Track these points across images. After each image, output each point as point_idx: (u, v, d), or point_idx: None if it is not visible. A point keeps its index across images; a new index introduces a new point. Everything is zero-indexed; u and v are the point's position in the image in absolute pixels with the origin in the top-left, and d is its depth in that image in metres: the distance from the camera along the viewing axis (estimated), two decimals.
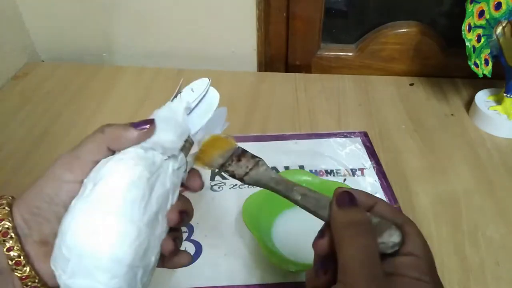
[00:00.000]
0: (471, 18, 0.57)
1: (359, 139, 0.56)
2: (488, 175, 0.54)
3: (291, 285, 0.39)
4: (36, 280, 0.26)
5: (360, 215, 0.25)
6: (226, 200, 0.47)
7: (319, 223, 0.27)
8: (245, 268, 0.41)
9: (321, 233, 0.26)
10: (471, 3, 0.57)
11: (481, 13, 0.58)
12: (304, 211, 0.28)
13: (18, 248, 0.25)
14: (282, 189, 0.29)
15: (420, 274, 0.23)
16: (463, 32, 0.57)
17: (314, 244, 0.26)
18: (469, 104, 0.66)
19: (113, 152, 0.27)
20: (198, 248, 0.42)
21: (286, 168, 0.51)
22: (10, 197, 0.27)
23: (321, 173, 0.51)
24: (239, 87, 0.71)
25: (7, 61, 0.72)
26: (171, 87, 0.32)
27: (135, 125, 0.27)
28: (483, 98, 0.64)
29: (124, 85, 0.71)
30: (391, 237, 0.24)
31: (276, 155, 0.53)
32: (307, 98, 0.68)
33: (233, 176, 0.30)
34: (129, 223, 0.24)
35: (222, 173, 0.30)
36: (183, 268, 0.40)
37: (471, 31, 0.58)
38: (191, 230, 0.44)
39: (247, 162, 0.31)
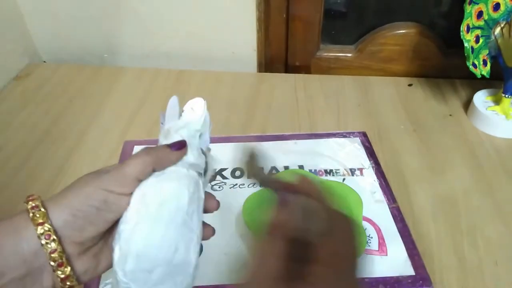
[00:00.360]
0: (470, 19, 0.58)
1: (358, 139, 0.57)
2: (487, 175, 0.54)
3: None
4: (74, 279, 0.27)
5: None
6: (227, 199, 0.48)
7: None
8: (245, 268, 0.41)
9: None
10: (469, 4, 0.57)
11: (480, 14, 0.58)
12: None
13: (60, 250, 0.26)
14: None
15: (339, 246, 0.26)
16: (461, 33, 0.57)
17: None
18: (468, 104, 0.66)
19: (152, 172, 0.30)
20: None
21: (286, 168, 0.52)
22: (40, 197, 0.28)
23: (320, 173, 0.51)
24: (239, 87, 0.71)
25: (9, 62, 0.73)
26: (171, 88, 0.33)
27: (173, 147, 0.31)
28: (481, 98, 0.65)
29: (125, 85, 0.72)
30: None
31: (275, 155, 0.53)
32: (306, 99, 0.69)
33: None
34: (191, 232, 0.29)
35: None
36: None
37: (470, 32, 0.58)
38: None
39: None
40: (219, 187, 0.49)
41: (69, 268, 0.27)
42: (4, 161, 0.56)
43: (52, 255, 0.26)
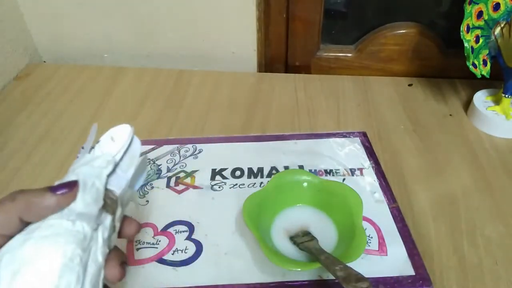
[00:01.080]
0: (470, 19, 0.58)
1: (358, 139, 0.57)
2: (487, 174, 0.54)
3: (290, 284, 0.39)
4: None
5: None
6: (226, 199, 0.48)
7: (319, 221, 0.28)
8: (245, 267, 0.41)
9: None
10: (469, 4, 0.57)
11: (480, 14, 0.58)
12: (303, 210, 0.29)
13: None
14: (325, 259, 0.36)
15: None
16: (461, 33, 0.57)
17: None
18: (468, 104, 0.66)
19: (26, 224, 0.23)
20: (199, 247, 0.43)
21: (286, 167, 0.52)
22: None
23: (320, 172, 0.51)
24: (239, 87, 0.71)
25: (9, 62, 0.73)
26: (171, 88, 0.32)
27: (53, 189, 0.23)
28: (481, 98, 0.65)
29: (125, 85, 0.72)
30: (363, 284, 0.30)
31: (276, 155, 0.53)
32: (306, 99, 0.69)
33: (295, 244, 0.41)
34: None
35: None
36: (184, 267, 0.41)
37: (470, 32, 0.58)
38: (191, 229, 0.44)
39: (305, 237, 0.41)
40: (219, 187, 0.49)
41: None
42: (4, 161, 0.56)
43: None
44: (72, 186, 0.24)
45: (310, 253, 0.38)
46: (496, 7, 0.58)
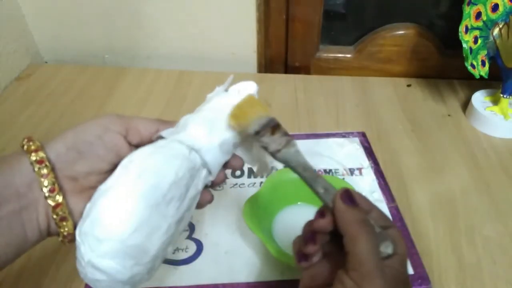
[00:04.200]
0: (468, 20, 0.58)
1: (357, 139, 0.57)
2: (485, 174, 0.55)
3: (291, 282, 0.40)
4: (67, 211, 0.27)
5: (365, 216, 0.27)
6: (227, 199, 0.48)
7: None
8: (245, 266, 0.41)
9: (321, 213, 0.27)
10: (468, 5, 0.58)
11: (478, 15, 0.59)
12: (304, 208, 0.29)
13: (52, 176, 0.26)
14: (307, 176, 0.29)
15: (401, 267, 0.27)
16: (460, 34, 0.58)
17: (316, 222, 0.27)
18: (466, 104, 0.66)
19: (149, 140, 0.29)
20: (199, 246, 0.43)
21: (285, 167, 0.52)
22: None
23: (320, 172, 0.52)
24: None
25: (11, 62, 0.73)
26: (172, 88, 0.33)
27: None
28: (479, 98, 0.65)
29: (126, 86, 0.72)
30: (387, 248, 0.27)
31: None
32: (306, 99, 0.69)
33: (265, 148, 0.30)
34: (163, 218, 0.26)
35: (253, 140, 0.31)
36: (184, 266, 0.41)
37: (468, 32, 0.58)
38: (192, 228, 0.45)
39: (280, 138, 0.30)
40: (219, 187, 0.49)
41: (61, 197, 0.26)
42: None
43: (45, 180, 0.26)
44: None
45: (289, 166, 0.30)
46: (495, 8, 0.59)
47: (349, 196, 0.27)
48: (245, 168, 0.52)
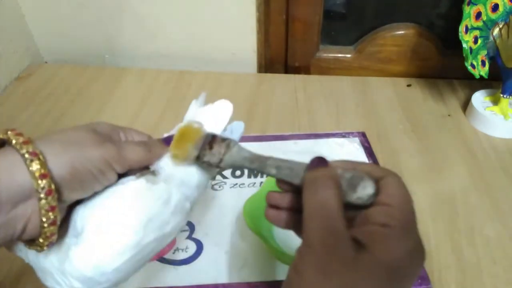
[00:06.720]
0: (468, 20, 0.58)
1: (357, 139, 0.57)
2: (485, 174, 0.55)
3: None
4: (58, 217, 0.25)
5: (324, 171, 0.24)
6: (227, 199, 0.48)
7: None
8: (245, 266, 0.41)
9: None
10: (468, 5, 0.58)
11: (478, 15, 0.59)
12: None
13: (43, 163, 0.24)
14: (257, 166, 0.29)
15: (387, 220, 0.22)
16: (460, 34, 0.58)
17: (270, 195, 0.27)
18: (466, 104, 0.66)
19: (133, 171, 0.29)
20: (199, 246, 0.43)
21: None
22: (32, 140, 0.26)
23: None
24: (240, 88, 0.71)
25: (11, 62, 0.73)
26: (172, 88, 0.33)
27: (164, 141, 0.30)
28: (479, 98, 0.65)
29: (126, 86, 0.72)
30: (365, 190, 0.24)
31: (275, 155, 0.54)
32: (306, 99, 0.69)
33: (209, 165, 0.30)
34: (139, 260, 0.28)
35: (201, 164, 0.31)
36: (184, 266, 0.41)
37: (468, 32, 0.58)
38: (192, 228, 0.45)
39: (219, 147, 0.30)
40: (219, 187, 0.50)
41: (53, 185, 0.24)
42: None
43: (40, 181, 0.24)
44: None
45: (236, 168, 0.31)
46: (495, 8, 0.59)
47: (315, 161, 0.25)
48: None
